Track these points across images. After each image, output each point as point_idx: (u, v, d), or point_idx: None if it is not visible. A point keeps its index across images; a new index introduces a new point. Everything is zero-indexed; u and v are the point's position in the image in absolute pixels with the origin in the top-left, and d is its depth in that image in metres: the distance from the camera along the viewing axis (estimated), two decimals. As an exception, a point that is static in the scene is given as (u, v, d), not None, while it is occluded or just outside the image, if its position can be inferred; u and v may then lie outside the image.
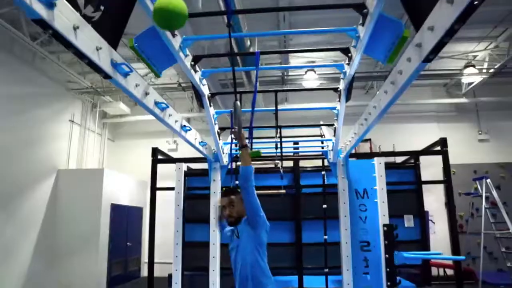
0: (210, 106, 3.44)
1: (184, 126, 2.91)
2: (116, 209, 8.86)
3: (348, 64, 2.85)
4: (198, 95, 3.31)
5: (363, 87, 10.54)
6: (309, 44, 8.41)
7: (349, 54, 2.74)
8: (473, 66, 8.68)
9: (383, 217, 3.87)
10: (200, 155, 4.10)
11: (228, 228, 2.93)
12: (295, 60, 9.27)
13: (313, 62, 8.95)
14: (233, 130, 2.60)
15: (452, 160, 9.21)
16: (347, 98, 3.26)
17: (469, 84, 9.69)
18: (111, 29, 1.75)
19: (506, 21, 7.44)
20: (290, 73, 9.91)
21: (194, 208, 6.00)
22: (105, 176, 8.55)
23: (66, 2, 1.38)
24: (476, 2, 1.16)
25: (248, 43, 6.20)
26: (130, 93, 1.94)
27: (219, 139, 4.09)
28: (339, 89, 3.33)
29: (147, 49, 2.37)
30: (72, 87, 9.21)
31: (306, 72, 8.88)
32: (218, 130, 4.08)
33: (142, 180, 10.41)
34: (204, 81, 3.25)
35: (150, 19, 2.04)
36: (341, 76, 3.14)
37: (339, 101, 3.45)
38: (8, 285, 7.03)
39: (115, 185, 8.94)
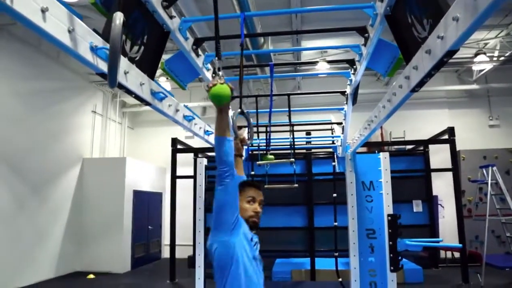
0: (229, 109, 3.80)
1: (207, 131, 3.28)
2: (138, 195, 9.37)
3: (354, 74, 3.16)
4: (218, 100, 3.67)
5: (374, 74, 10.71)
6: (321, 35, 8.58)
7: (354, 66, 3.05)
8: (484, 53, 8.77)
9: (387, 208, 4.20)
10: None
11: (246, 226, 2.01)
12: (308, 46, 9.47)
13: (325, 52, 9.15)
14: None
15: (462, 146, 9.46)
16: (354, 102, 3.56)
17: (480, 71, 9.78)
18: (149, 64, 2.10)
19: (517, 10, 7.52)
20: (302, 59, 10.11)
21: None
22: (128, 164, 9.03)
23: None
24: (445, 59, 1.47)
25: (262, 40, 6.47)
26: (165, 114, 2.30)
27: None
28: (346, 93, 3.64)
29: (175, 68, 2.75)
30: (93, 79, 9.63)
31: (318, 61, 9.12)
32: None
33: (161, 167, 10.91)
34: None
35: (178, 46, 2.41)
36: (347, 82, 3.45)
37: (346, 103, 3.76)
38: (42, 263, 7.67)
39: (136, 172, 9.43)
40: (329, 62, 3.81)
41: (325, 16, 7.45)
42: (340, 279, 6.04)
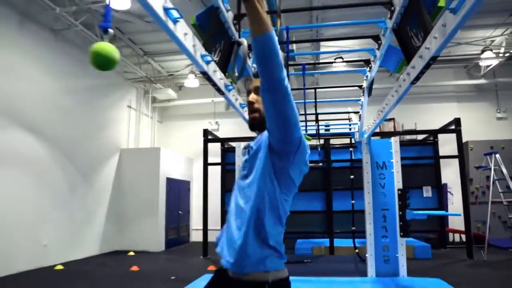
0: None
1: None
2: (170, 182, 10.29)
3: (369, 71, 3.96)
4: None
5: (387, 70, 11.39)
6: (339, 34, 9.33)
7: (369, 65, 3.85)
8: (491, 50, 9.42)
9: (397, 183, 5.00)
10: (240, 135, 5.24)
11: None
12: (326, 49, 10.24)
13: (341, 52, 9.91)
14: None
15: (470, 137, 10.13)
16: (369, 94, 4.36)
17: (487, 66, 10.41)
18: (223, 64, 2.93)
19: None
20: (320, 56, 10.85)
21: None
22: (161, 154, 9.96)
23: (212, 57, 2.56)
24: (431, 62, 2.25)
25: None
26: (232, 103, 3.14)
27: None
28: (362, 86, 4.44)
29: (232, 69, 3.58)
30: (128, 77, 10.56)
31: (335, 58, 9.90)
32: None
33: (189, 157, 11.82)
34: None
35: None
36: (364, 78, 4.24)
37: (362, 95, 4.56)
38: (90, 241, 8.66)
39: (168, 161, 10.35)
40: (348, 62, 4.59)
41: (343, 17, 8.21)
42: (357, 251, 6.86)
